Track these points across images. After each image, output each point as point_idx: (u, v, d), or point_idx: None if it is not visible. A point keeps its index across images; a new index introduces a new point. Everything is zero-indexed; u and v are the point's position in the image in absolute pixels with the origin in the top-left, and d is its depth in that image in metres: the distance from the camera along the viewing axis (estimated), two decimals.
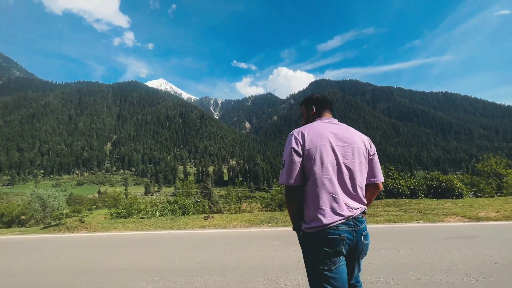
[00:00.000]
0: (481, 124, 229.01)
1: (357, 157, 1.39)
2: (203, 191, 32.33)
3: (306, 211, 1.36)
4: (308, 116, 1.68)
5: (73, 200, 78.73)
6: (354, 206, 1.33)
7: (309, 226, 1.32)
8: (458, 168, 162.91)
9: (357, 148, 1.40)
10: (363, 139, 1.48)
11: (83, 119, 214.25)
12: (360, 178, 1.39)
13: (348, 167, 1.36)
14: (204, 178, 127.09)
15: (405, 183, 8.22)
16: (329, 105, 1.65)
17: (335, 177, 1.32)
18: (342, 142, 1.38)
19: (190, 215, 8.31)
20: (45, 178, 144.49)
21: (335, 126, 1.47)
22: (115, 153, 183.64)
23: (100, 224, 7.13)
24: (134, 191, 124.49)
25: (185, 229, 6.13)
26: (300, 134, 1.39)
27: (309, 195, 1.34)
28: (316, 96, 1.69)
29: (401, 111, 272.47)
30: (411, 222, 5.52)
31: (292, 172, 1.33)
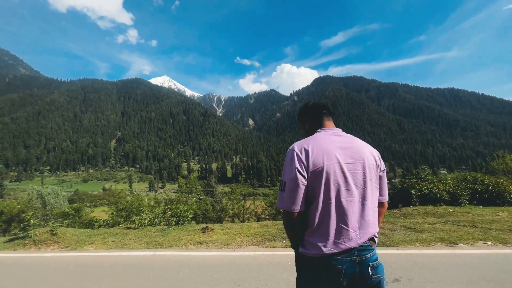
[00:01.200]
0: (488, 121, 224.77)
1: (368, 175, 1.23)
2: (206, 188, 32.28)
3: (307, 237, 1.21)
4: (306, 130, 1.52)
5: (78, 196, 79.86)
6: (362, 235, 1.17)
7: (306, 252, 1.19)
8: (464, 165, 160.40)
9: (368, 164, 1.24)
10: (373, 152, 1.31)
11: (88, 116, 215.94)
12: (372, 199, 1.24)
13: (359, 188, 1.20)
14: (207, 175, 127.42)
15: (442, 186, 7.06)
16: (325, 109, 1.45)
17: (344, 202, 1.16)
18: (351, 158, 1.22)
19: (186, 225, 6.94)
20: (51, 175, 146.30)
21: (341, 140, 1.29)
22: (119, 150, 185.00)
23: (76, 237, 5.96)
24: (138, 188, 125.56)
25: (177, 247, 4.99)
26: (303, 151, 1.21)
27: (311, 221, 1.19)
28: (306, 106, 1.52)
29: (406, 107, 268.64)
30: (474, 242, 4.16)
31: (296, 197, 1.17)
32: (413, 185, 7.29)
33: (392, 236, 4.67)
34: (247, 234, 5.49)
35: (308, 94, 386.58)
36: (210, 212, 21.18)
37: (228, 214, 21.81)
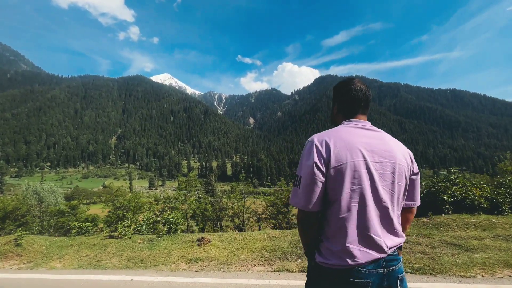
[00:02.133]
0: (490, 122, 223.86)
1: (397, 178, 1.07)
2: (206, 187, 32.12)
3: (326, 243, 1.05)
4: (332, 114, 1.32)
5: (78, 193, 79.89)
6: (389, 244, 1.03)
7: (326, 262, 1.02)
8: (465, 166, 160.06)
9: (399, 165, 1.08)
10: (404, 153, 1.13)
11: (89, 113, 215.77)
12: (399, 204, 1.10)
13: (386, 191, 1.04)
14: (207, 173, 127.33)
15: (479, 192, 6.16)
16: (363, 103, 1.20)
17: (369, 206, 1.00)
18: (379, 157, 1.05)
19: (179, 234, 5.88)
20: (52, 171, 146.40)
21: (369, 134, 1.11)
22: (120, 147, 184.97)
23: (45, 248, 5.01)
24: (138, 185, 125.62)
25: (164, 266, 4.00)
26: (323, 144, 1.04)
27: (331, 225, 1.03)
28: (344, 88, 1.22)
29: (408, 108, 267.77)
30: None
31: (312, 195, 1.01)
32: (444, 189, 6.43)
33: (437, 257, 3.81)
34: (251, 248, 4.51)
35: (309, 93, 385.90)
36: (210, 211, 20.97)
37: (228, 213, 21.67)
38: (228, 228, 22.23)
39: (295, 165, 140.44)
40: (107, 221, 13.70)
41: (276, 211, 19.68)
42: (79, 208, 14.08)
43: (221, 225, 21.56)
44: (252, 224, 20.87)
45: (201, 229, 20.61)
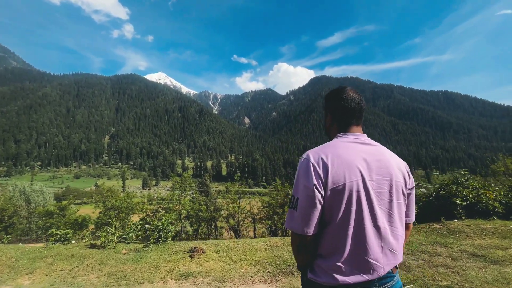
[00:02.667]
0: (480, 124, 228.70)
1: (395, 196, 1.03)
2: (200, 187, 31.81)
3: (319, 260, 1.02)
4: (326, 125, 1.26)
5: (70, 193, 78.26)
6: (387, 268, 0.99)
7: (316, 279, 1.00)
8: (456, 167, 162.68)
9: (395, 182, 1.04)
10: (401, 167, 1.10)
11: (81, 112, 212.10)
12: (398, 223, 1.04)
13: (383, 211, 1.01)
14: (202, 173, 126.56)
15: (492, 195, 5.76)
16: (357, 113, 1.15)
17: (366, 227, 0.97)
18: (376, 174, 1.01)
19: (169, 242, 5.22)
20: (42, 170, 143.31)
21: (366, 149, 1.06)
22: (113, 146, 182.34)
23: (15, 260, 4.39)
24: (132, 185, 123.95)
25: (150, 284, 3.46)
26: (321, 163, 0.98)
27: (326, 245, 1.00)
28: (337, 97, 1.17)
29: (401, 109, 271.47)
30: None
31: (311, 218, 0.96)
32: (455, 192, 5.99)
33: (463, 272, 3.32)
34: (251, 261, 4.00)
35: (305, 94, 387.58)
36: (204, 212, 20.67)
37: (223, 214, 21.43)
38: (223, 229, 22.03)
39: (290, 165, 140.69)
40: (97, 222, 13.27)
41: (271, 212, 19.55)
42: (69, 209, 13.59)
43: (215, 226, 21.30)
44: (247, 225, 20.73)
45: (195, 230, 20.38)
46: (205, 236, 20.43)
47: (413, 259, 3.87)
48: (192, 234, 20.23)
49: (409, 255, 4.03)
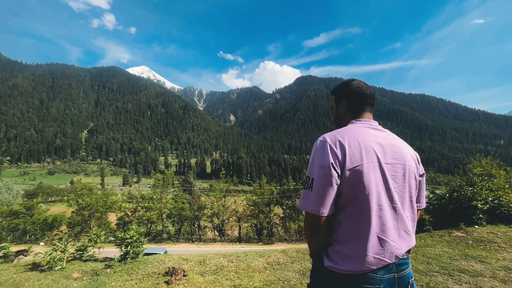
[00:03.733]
0: (453, 126, 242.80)
1: (408, 180, 1.06)
2: (184, 184, 30.95)
3: (337, 246, 1.00)
4: (338, 114, 1.27)
5: (42, 190, 73.72)
6: (404, 249, 1.01)
7: (336, 266, 0.98)
8: (431, 166, 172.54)
9: (409, 167, 1.06)
10: (412, 154, 1.13)
11: (56, 104, 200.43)
12: (411, 206, 1.07)
13: (398, 194, 1.02)
14: (186, 170, 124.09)
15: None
16: (370, 100, 1.20)
17: (385, 209, 0.97)
18: (391, 158, 1.03)
19: (139, 260, 3.92)
20: (12, 166, 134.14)
21: (380, 134, 1.09)
22: (91, 142, 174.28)
23: None
24: (111, 182, 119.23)
25: None
26: (338, 143, 0.99)
27: (346, 229, 0.99)
28: (351, 85, 1.22)
29: (382, 110, 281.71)
30: None
31: (326, 198, 0.95)
32: (473, 195, 5.37)
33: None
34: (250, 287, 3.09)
35: (290, 93, 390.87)
36: (187, 211, 20.11)
37: (206, 213, 20.93)
38: (207, 229, 21.52)
39: (275, 163, 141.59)
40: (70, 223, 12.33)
41: (257, 211, 19.36)
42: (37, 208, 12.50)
43: (199, 225, 20.77)
44: (232, 224, 20.38)
45: (177, 230, 19.71)
46: (188, 235, 19.88)
47: (453, 281, 3.25)
48: (174, 233, 19.63)
49: (445, 275, 3.43)
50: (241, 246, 15.90)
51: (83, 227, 14.55)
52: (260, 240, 18.49)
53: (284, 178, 25.57)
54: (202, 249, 14.99)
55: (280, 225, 19.80)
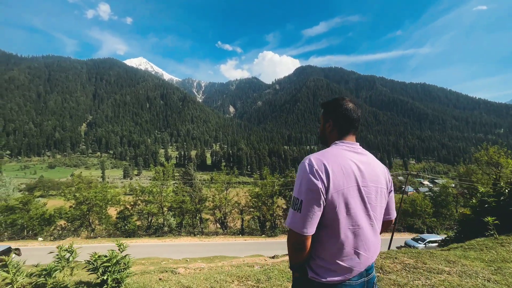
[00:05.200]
0: (454, 115, 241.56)
1: (379, 200, 1.20)
2: (184, 176, 30.77)
3: (319, 261, 1.15)
4: (324, 131, 1.34)
5: (43, 184, 73.88)
6: (373, 257, 1.18)
7: (318, 278, 1.13)
8: (430, 156, 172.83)
9: (381, 188, 1.20)
10: (385, 174, 1.26)
11: (54, 97, 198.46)
12: (380, 222, 1.23)
13: (371, 212, 1.17)
14: (186, 162, 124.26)
15: None
16: (356, 123, 1.29)
17: (362, 227, 1.12)
18: (368, 181, 1.15)
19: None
20: (12, 160, 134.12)
21: (360, 158, 1.19)
22: (90, 135, 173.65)
23: None
24: (112, 175, 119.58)
25: None
26: (323, 168, 1.08)
27: (327, 247, 1.13)
28: (340, 106, 1.28)
29: (382, 100, 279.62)
30: None
31: (313, 219, 1.07)
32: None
33: None
34: None
35: (290, 83, 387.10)
36: (188, 203, 19.96)
37: (208, 206, 20.80)
38: (209, 221, 21.49)
39: (275, 154, 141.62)
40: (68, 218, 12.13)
41: (260, 203, 19.22)
42: (33, 203, 12.26)
43: (201, 218, 20.70)
44: (235, 217, 20.31)
45: (179, 223, 19.62)
46: (190, 228, 19.81)
47: None
48: (175, 227, 19.55)
49: None
50: (244, 239, 15.83)
51: (82, 221, 14.40)
52: (263, 232, 18.42)
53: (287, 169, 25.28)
54: (204, 242, 14.93)
55: (283, 217, 19.70)
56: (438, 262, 3.73)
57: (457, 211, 26.34)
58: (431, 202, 24.52)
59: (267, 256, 11.64)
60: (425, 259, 3.89)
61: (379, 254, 4.14)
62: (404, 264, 3.73)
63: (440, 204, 24.87)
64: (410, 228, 21.61)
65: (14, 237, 12.19)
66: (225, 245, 15.08)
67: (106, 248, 6.55)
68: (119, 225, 16.15)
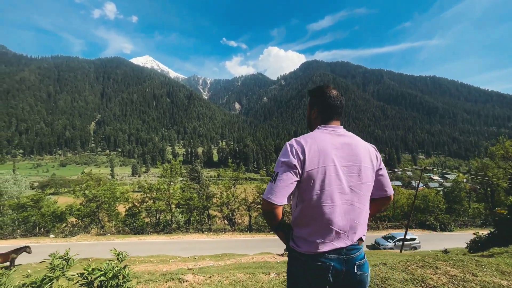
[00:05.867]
0: (465, 109, 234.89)
1: (364, 178, 1.25)
2: (191, 173, 30.91)
3: (297, 230, 1.25)
4: (310, 117, 1.43)
5: (55, 181, 75.75)
6: (352, 237, 1.23)
7: (296, 248, 1.24)
8: (441, 151, 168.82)
9: (364, 167, 1.25)
10: (370, 153, 1.31)
11: (64, 97, 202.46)
12: (365, 202, 1.27)
13: (353, 191, 1.22)
14: (193, 159, 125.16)
15: None
16: (339, 110, 1.36)
17: (336, 205, 1.19)
18: (347, 161, 1.22)
19: None
20: (25, 159, 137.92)
21: (340, 140, 1.26)
22: (99, 133, 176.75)
23: None
24: (121, 172, 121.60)
25: None
26: (300, 147, 1.19)
27: (302, 219, 1.23)
28: (324, 95, 1.36)
29: (390, 94, 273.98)
30: None
31: (284, 190, 1.16)
32: None
33: None
34: None
35: (296, 79, 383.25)
36: (195, 200, 20.00)
37: (216, 203, 20.79)
38: (216, 218, 21.54)
39: None
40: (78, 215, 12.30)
41: None
42: (45, 201, 12.46)
43: (208, 215, 20.75)
44: (243, 213, 20.26)
45: (186, 220, 19.71)
46: (198, 224, 19.88)
47: None
48: (183, 223, 19.63)
49: None
50: (252, 235, 15.74)
51: (92, 218, 14.58)
52: None
53: None
54: (212, 239, 14.90)
55: (291, 214, 19.47)
56: (490, 274, 3.22)
57: (470, 206, 25.64)
58: (443, 198, 23.92)
59: (276, 254, 11.52)
60: (473, 269, 3.34)
61: (415, 262, 3.65)
62: (449, 276, 3.21)
63: (453, 200, 24.20)
64: (422, 224, 21.11)
65: (26, 234, 12.44)
66: (233, 242, 15.05)
67: (114, 245, 6.25)
68: (128, 222, 16.36)
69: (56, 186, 72.70)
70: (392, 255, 9.58)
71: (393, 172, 79.18)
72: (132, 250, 13.77)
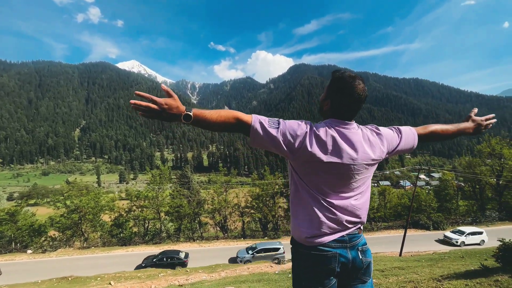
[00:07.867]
0: (447, 109, 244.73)
1: (368, 170, 1.22)
2: (181, 179, 29.98)
3: (296, 221, 1.23)
4: (322, 105, 1.32)
5: (37, 191, 72.15)
6: (352, 226, 1.23)
7: (299, 240, 1.23)
8: (426, 150, 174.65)
9: (367, 160, 1.20)
10: (374, 148, 1.22)
11: (45, 103, 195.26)
12: (366, 191, 1.26)
13: (356, 181, 1.19)
14: (182, 165, 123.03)
15: None
16: (356, 107, 1.21)
17: (339, 195, 1.18)
18: (354, 155, 1.16)
19: None
20: (4, 168, 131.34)
21: (349, 133, 1.18)
22: (84, 140, 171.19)
23: None
24: (108, 179, 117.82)
25: None
26: (313, 133, 1.12)
27: (301, 207, 1.20)
28: (345, 90, 1.18)
29: (376, 96, 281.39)
30: None
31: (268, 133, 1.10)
32: None
33: None
34: None
35: (284, 82, 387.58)
36: (186, 207, 19.18)
37: (207, 209, 20.07)
38: (208, 225, 20.76)
39: (273, 153, 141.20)
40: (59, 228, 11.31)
41: (261, 204, 18.59)
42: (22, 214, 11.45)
43: (199, 222, 19.94)
44: (236, 219, 19.61)
45: (176, 228, 18.84)
46: (189, 232, 19.07)
47: None
48: (173, 232, 18.78)
49: None
50: (246, 242, 15.16)
51: (74, 230, 13.59)
52: (266, 234, 17.75)
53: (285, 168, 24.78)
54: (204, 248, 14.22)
55: (285, 218, 19.08)
56: None
57: (458, 204, 26.09)
58: (434, 197, 24.20)
59: (272, 262, 11.02)
60: None
61: None
62: None
63: (443, 199, 24.55)
64: (416, 223, 21.21)
65: (0, 251, 11.36)
66: (226, 250, 14.40)
67: (99, 259, 5.69)
68: (114, 232, 15.41)
69: (38, 196, 69.25)
70: None
71: (382, 173, 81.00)
72: (118, 264, 12.92)
